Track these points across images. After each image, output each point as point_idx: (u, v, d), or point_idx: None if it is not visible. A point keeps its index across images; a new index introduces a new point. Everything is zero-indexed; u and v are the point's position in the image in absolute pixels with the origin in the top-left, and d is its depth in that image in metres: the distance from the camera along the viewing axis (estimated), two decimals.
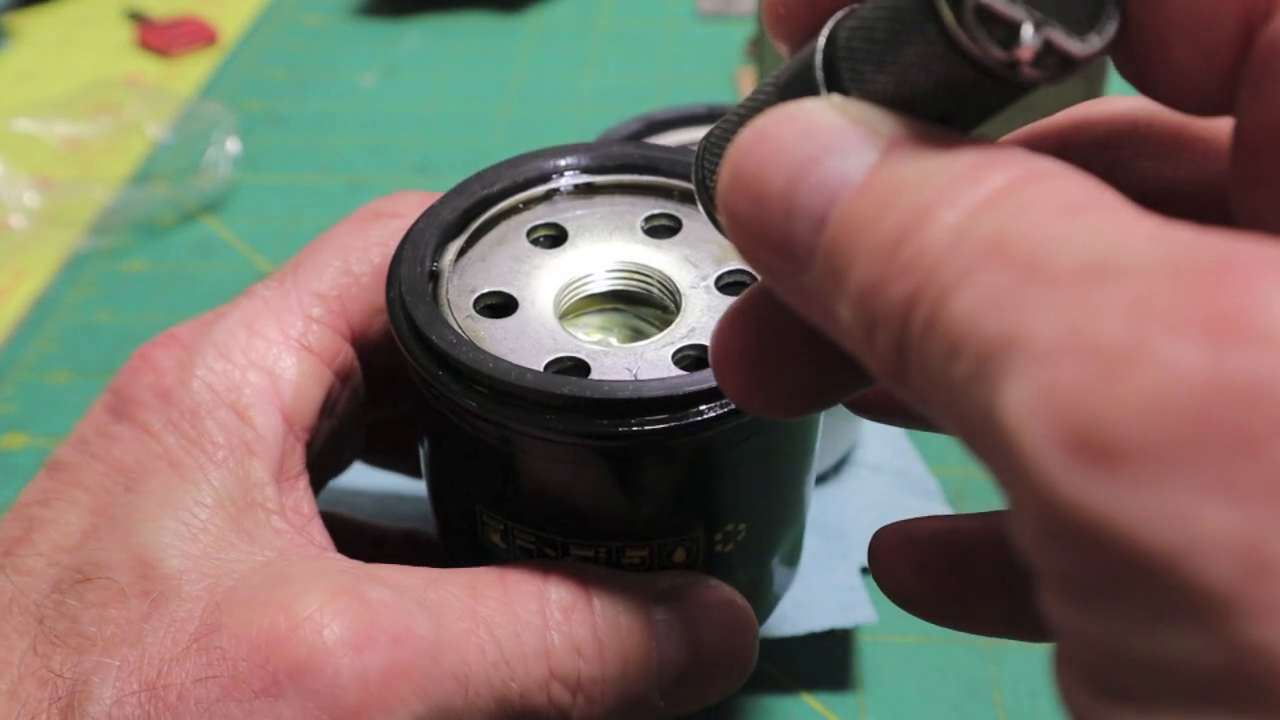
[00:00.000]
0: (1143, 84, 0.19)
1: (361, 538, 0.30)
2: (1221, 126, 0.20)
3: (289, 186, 0.65)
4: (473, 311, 0.29)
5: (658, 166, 0.32)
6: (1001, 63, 0.16)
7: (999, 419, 0.14)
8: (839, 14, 0.19)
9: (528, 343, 0.28)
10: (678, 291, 0.30)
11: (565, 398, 0.25)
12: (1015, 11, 0.16)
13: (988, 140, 0.17)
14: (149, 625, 0.25)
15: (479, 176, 0.32)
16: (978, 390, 0.14)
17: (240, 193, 0.65)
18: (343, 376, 0.31)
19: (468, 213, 0.31)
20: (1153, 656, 0.13)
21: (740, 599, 0.29)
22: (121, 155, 0.67)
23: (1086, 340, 0.13)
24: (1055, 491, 0.13)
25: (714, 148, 0.22)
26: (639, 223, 0.32)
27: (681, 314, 0.29)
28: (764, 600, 0.33)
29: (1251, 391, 0.12)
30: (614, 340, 0.31)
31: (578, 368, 0.27)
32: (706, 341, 0.28)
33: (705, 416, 0.26)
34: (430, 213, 0.31)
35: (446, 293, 0.29)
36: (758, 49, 0.65)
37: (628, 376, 0.27)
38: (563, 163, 0.32)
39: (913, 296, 0.15)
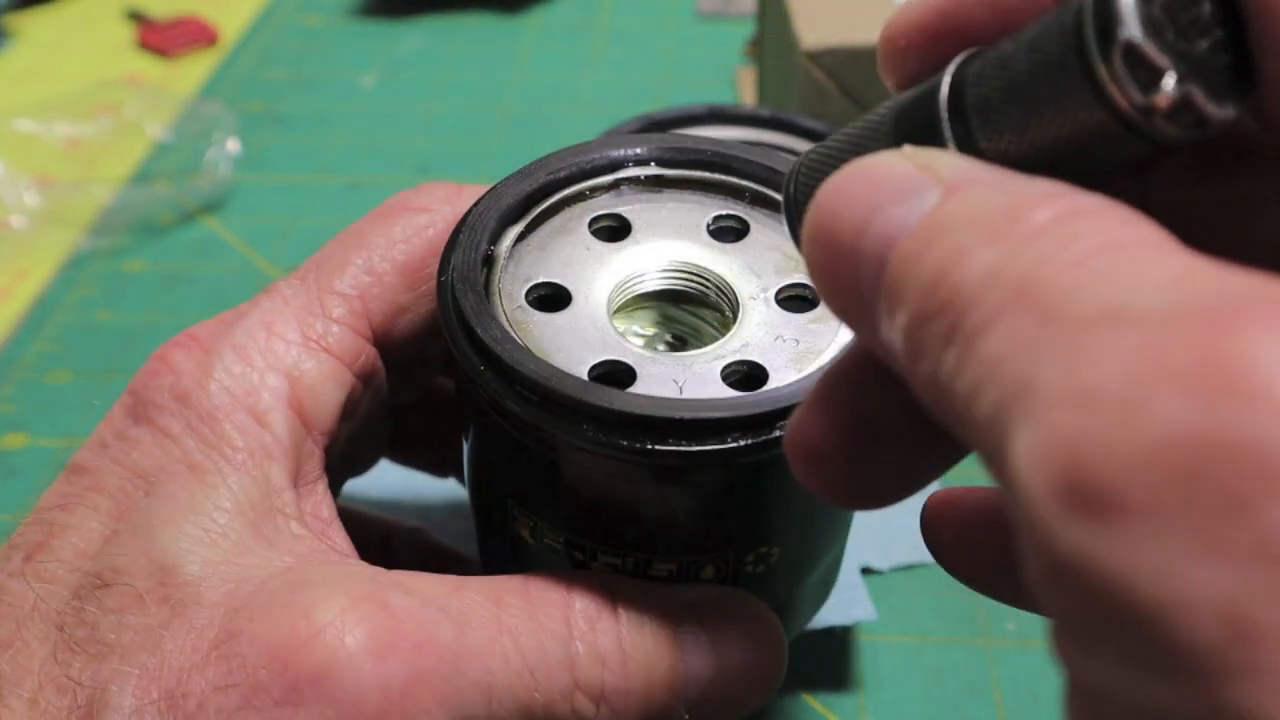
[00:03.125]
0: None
1: (370, 534, 0.30)
2: None
3: (289, 186, 0.65)
4: (524, 302, 0.28)
5: (730, 165, 0.31)
6: (1138, 107, 0.16)
7: (1008, 465, 0.14)
8: (965, 53, 0.19)
9: (576, 341, 0.27)
10: (736, 300, 0.29)
11: (604, 410, 0.25)
12: (1162, 59, 0.16)
13: (1046, 179, 0.17)
14: (168, 632, 0.24)
15: (544, 162, 0.31)
16: (994, 433, 0.14)
17: (240, 193, 0.65)
18: (364, 378, 0.31)
19: (530, 197, 0.30)
20: (1145, 706, 0.13)
21: (768, 613, 0.29)
22: (121, 155, 0.67)
23: (1087, 390, 0.13)
24: (1054, 540, 0.13)
25: (806, 172, 0.22)
26: (705, 222, 0.31)
27: (737, 325, 0.29)
28: (789, 626, 0.32)
29: (1241, 450, 0.12)
30: (666, 343, 0.31)
31: (624, 373, 0.27)
32: (758, 358, 0.28)
33: (743, 444, 0.25)
34: (492, 194, 0.30)
35: (499, 280, 0.29)
36: (758, 49, 0.65)
37: (674, 389, 0.27)
38: (633, 152, 0.31)
39: (947, 335, 0.15)
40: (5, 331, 0.55)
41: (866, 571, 0.42)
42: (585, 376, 0.27)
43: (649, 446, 0.25)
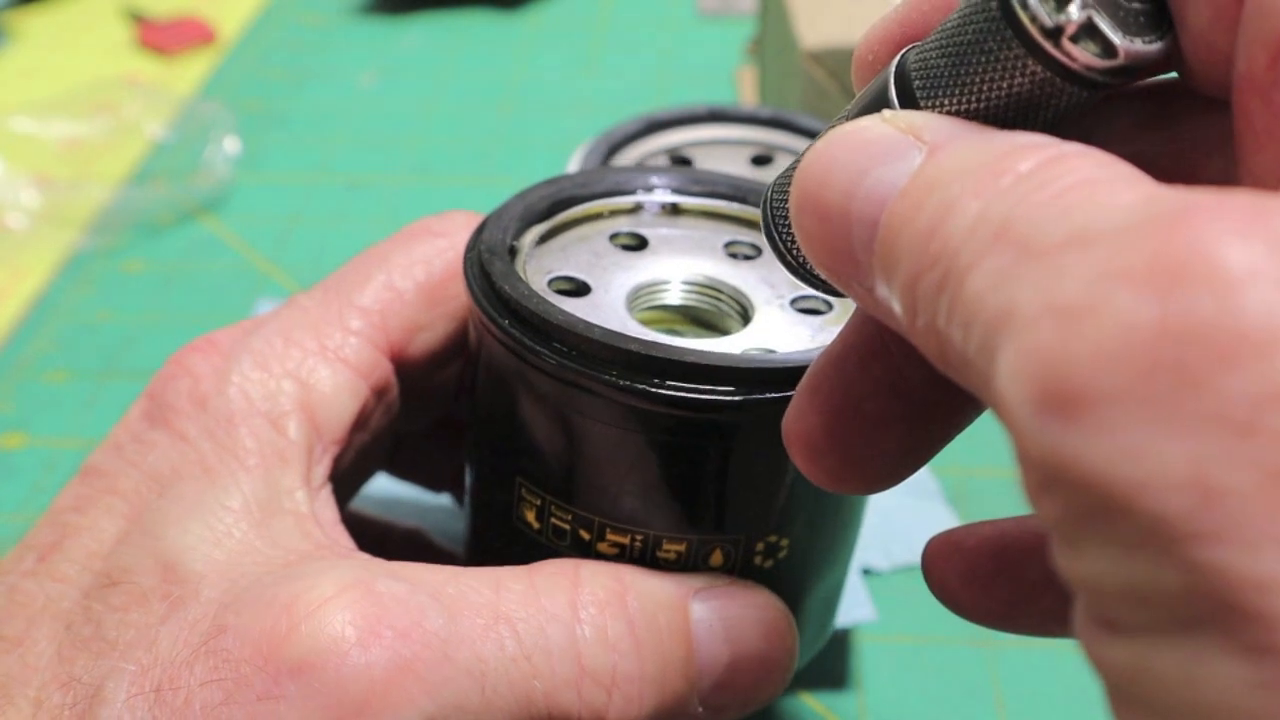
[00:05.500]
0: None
1: (367, 534, 0.30)
2: None
3: (288, 186, 0.65)
4: (546, 287, 0.30)
5: (746, 198, 0.33)
6: (1046, 30, 0.17)
7: (994, 387, 0.15)
8: (913, 44, 0.21)
9: (596, 321, 0.28)
10: (751, 306, 0.30)
11: (633, 354, 0.25)
12: None
13: (1028, 132, 0.17)
14: (164, 628, 0.25)
15: (568, 176, 0.33)
16: (983, 363, 0.15)
17: (239, 192, 0.65)
18: (378, 392, 0.31)
19: (555, 202, 0.32)
20: (1131, 588, 0.14)
21: (778, 602, 0.28)
22: (121, 155, 0.67)
23: (1056, 305, 0.14)
24: (1036, 447, 0.14)
25: (781, 187, 0.23)
26: (721, 244, 0.33)
27: (753, 323, 0.30)
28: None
29: (1192, 330, 0.13)
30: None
31: None
32: (775, 346, 0.29)
33: (768, 396, 0.25)
34: (518, 196, 0.31)
35: (523, 267, 0.30)
36: (758, 49, 0.65)
37: None
38: (653, 180, 0.34)
39: (940, 284, 0.16)
40: (4, 331, 0.55)
41: (867, 572, 0.42)
42: None
43: (675, 393, 0.25)
